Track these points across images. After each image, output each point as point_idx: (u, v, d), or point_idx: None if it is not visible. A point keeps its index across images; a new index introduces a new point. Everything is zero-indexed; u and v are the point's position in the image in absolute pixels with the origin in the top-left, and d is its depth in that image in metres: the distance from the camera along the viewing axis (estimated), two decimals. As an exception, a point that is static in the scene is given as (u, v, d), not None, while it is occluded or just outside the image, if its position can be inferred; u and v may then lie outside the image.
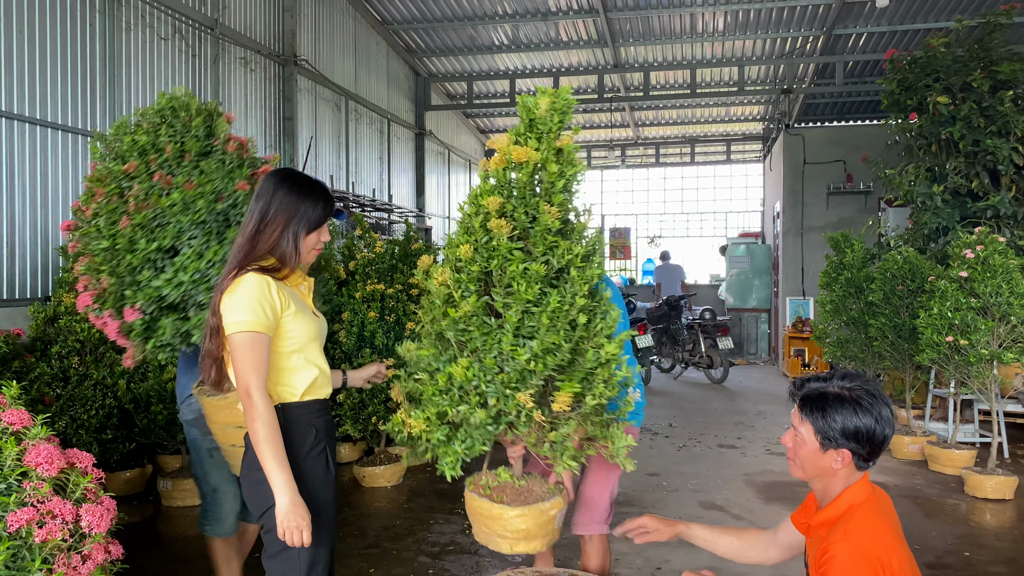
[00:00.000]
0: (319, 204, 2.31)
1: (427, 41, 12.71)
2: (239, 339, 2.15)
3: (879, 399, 2.07)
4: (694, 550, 4.54)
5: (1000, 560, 4.43)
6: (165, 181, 2.68)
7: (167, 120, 2.86)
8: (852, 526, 2.00)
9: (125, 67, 6.75)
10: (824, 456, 2.10)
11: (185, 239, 2.64)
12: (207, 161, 2.78)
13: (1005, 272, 5.57)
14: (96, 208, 2.80)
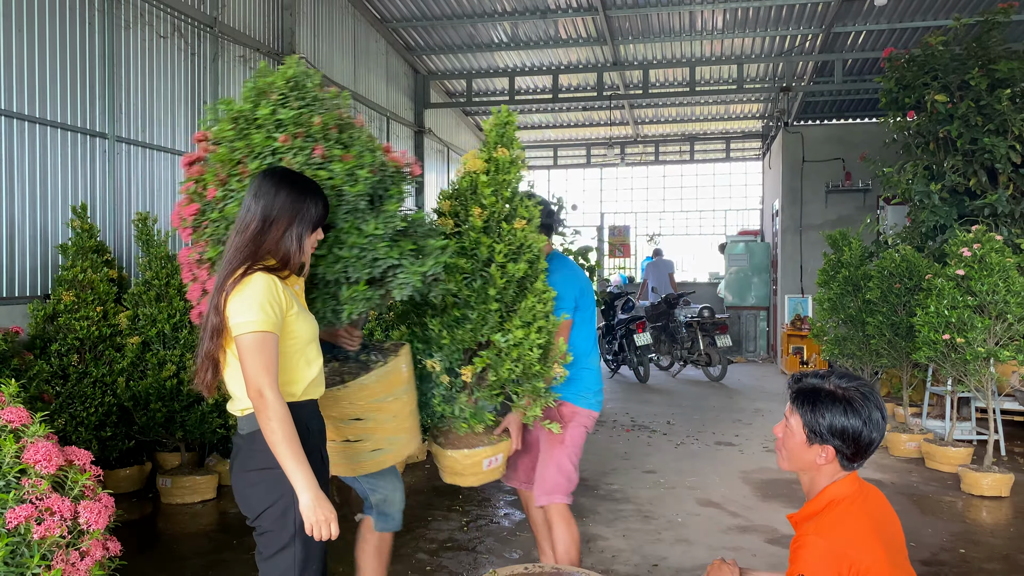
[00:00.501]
0: (319, 203, 2.32)
1: (426, 39, 12.71)
2: (249, 339, 2.13)
3: (872, 402, 2.08)
4: (691, 546, 4.57)
5: (995, 557, 4.45)
6: (323, 155, 2.47)
7: (296, 91, 2.57)
8: (827, 521, 2.04)
9: (124, 65, 6.76)
10: (809, 450, 2.12)
11: (341, 214, 2.46)
12: (347, 134, 2.58)
13: (1002, 270, 5.59)
14: (232, 187, 2.48)
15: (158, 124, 7.20)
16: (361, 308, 2.51)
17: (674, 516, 5.08)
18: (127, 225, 6.71)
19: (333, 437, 2.70)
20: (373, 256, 2.48)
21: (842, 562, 1.94)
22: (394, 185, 2.63)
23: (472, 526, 4.92)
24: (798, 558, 1.99)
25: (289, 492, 2.18)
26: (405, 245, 2.55)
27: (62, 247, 5.59)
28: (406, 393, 2.84)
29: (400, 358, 2.80)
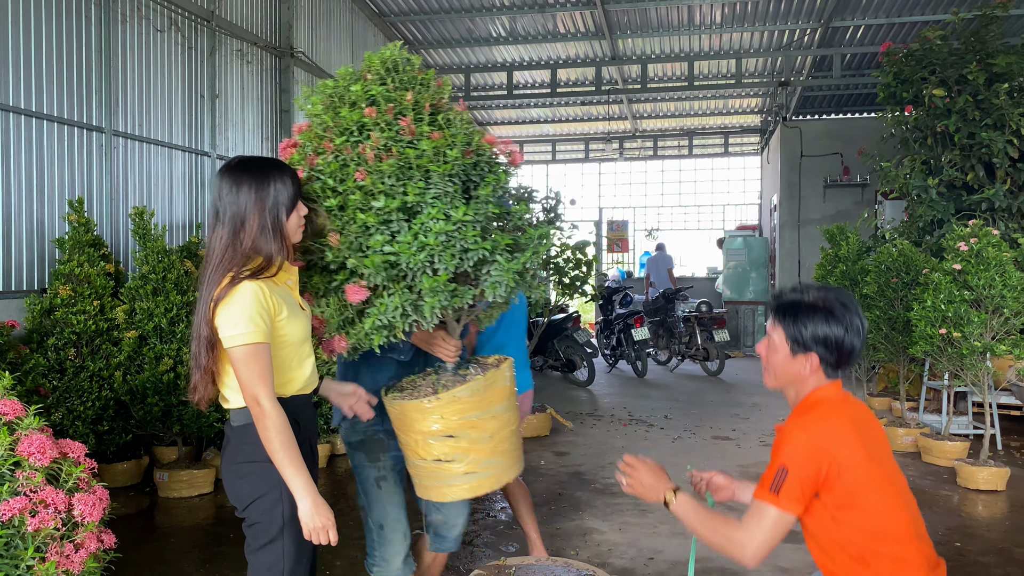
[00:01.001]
0: (287, 180, 2.21)
1: (424, 33, 12.70)
2: (240, 352, 2.10)
3: (850, 310, 2.14)
4: (687, 539, 4.57)
5: (990, 550, 4.46)
6: (411, 130, 2.29)
7: (391, 74, 2.44)
8: (811, 416, 2.08)
9: (121, 59, 6.75)
10: (794, 362, 2.16)
11: (429, 196, 2.25)
12: (442, 115, 2.42)
13: (998, 265, 5.59)
14: (318, 166, 2.34)
15: (155, 118, 7.19)
16: (445, 302, 2.26)
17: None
18: (124, 219, 6.70)
19: (422, 456, 2.49)
20: (462, 246, 2.25)
21: (823, 456, 1.99)
22: (491, 172, 2.42)
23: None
24: (780, 451, 2.03)
25: (278, 485, 2.18)
26: (500, 240, 2.32)
27: (59, 241, 5.59)
28: (506, 411, 2.57)
29: (500, 371, 2.56)
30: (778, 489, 1.99)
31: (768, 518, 2.00)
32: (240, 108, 8.56)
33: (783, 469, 2.00)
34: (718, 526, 2.09)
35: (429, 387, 2.54)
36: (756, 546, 2.00)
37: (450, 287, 2.26)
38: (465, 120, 2.47)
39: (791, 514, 2.00)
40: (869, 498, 2.01)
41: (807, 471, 1.99)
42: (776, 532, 2.01)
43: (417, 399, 2.44)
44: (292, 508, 2.19)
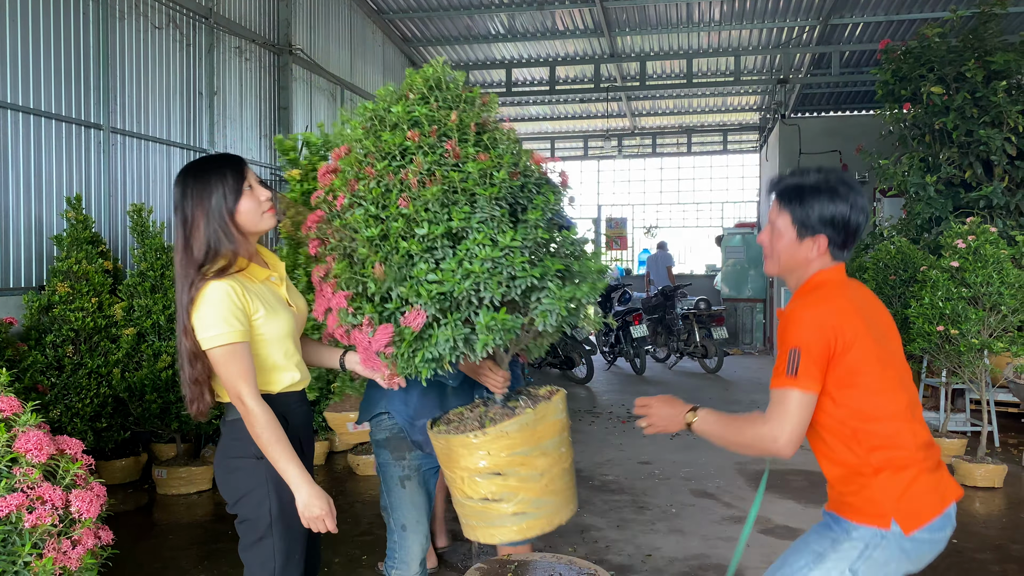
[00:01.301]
0: (224, 171, 2.19)
1: (423, 30, 12.69)
2: (219, 353, 2.11)
3: (853, 188, 2.11)
4: (684, 536, 4.59)
5: (987, 547, 4.47)
6: (455, 152, 2.20)
7: (435, 92, 2.36)
8: (814, 297, 2.07)
9: (119, 56, 6.74)
10: (801, 246, 2.13)
11: (475, 221, 2.15)
12: (491, 133, 2.32)
13: (996, 262, 5.60)
14: (359, 193, 2.25)
15: (153, 115, 7.18)
16: (499, 340, 2.13)
17: (668, 507, 5.10)
18: (122, 216, 6.70)
19: (469, 494, 2.35)
20: (509, 273, 2.13)
21: (831, 333, 1.98)
22: (539, 194, 2.28)
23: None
24: (788, 334, 2.01)
25: (266, 482, 2.18)
26: (551, 265, 2.18)
27: (57, 238, 5.59)
28: (559, 447, 2.42)
29: (552, 404, 2.41)
30: (795, 371, 1.97)
31: (792, 402, 1.96)
32: (238, 105, 8.55)
33: (795, 351, 1.98)
34: (743, 427, 2.06)
35: (476, 420, 2.42)
36: (788, 434, 1.96)
37: (508, 323, 2.12)
38: (511, 139, 2.37)
39: (812, 393, 1.97)
40: (868, 378, 2.00)
41: (819, 348, 1.97)
42: (803, 415, 1.97)
43: (463, 433, 2.32)
44: (281, 505, 2.19)
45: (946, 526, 2.03)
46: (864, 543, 1.99)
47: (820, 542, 2.07)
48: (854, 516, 2.02)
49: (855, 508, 2.02)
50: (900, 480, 1.98)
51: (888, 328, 2.15)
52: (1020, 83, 7.22)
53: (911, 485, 1.98)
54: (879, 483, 1.98)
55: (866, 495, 2.00)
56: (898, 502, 1.97)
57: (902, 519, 1.96)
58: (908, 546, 1.98)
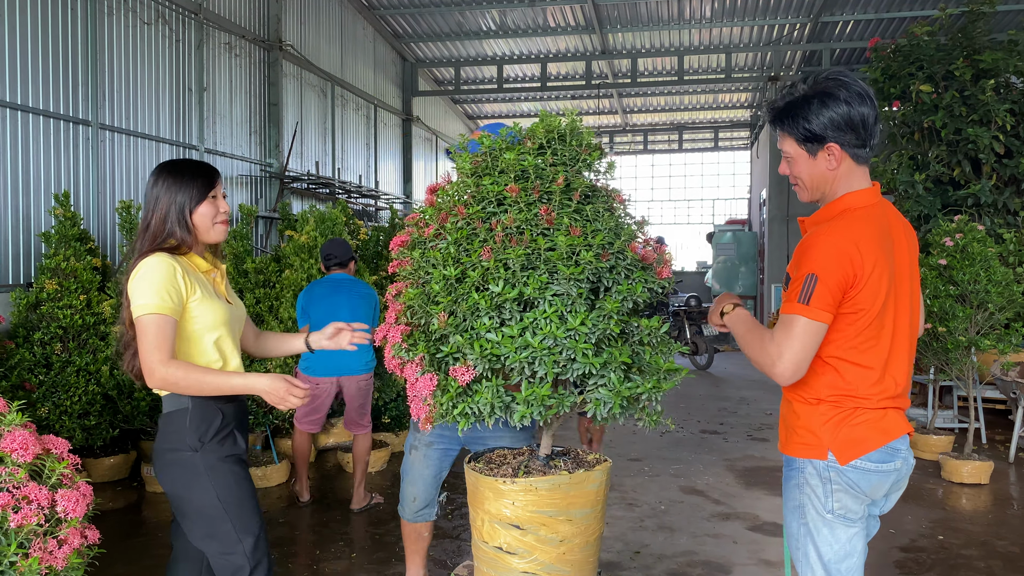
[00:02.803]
0: (196, 178, 2.35)
1: (414, 26, 12.66)
2: (145, 321, 2.19)
3: (844, 81, 2.02)
4: (673, 533, 4.60)
5: (973, 543, 4.50)
6: (549, 219, 2.13)
7: (553, 146, 2.30)
8: (839, 223, 2.00)
9: (107, 52, 6.71)
10: (817, 162, 2.06)
11: (549, 294, 2.08)
12: (594, 206, 2.23)
13: (983, 260, 5.63)
14: (447, 228, 2.22)
15: (142, 111, 7.15)
16: (537, 416, 2.07)
17: (657, 504, 5.12)
18: (111, 213, 6.67)
19: (486, 539, 2.34)
20: (569, 355, 2.06)
21: (851, 263, 1.93)
22: (627, 279, 2.17)
23: (456, 514, 4.94)
24: (807, 258, 1.96)
25: (205, 471, 2.26)
26: (616, 355, 2.08)
27: (45, 235, 5.56)
28: (588, 519, 2.32)
29: (592, 474, 2.33)
30: (808, 298, 1.92)
31: (798, 327, 1.93)
32: (228, 101, 8.52)
33: (812, 277, 1.92)
34: (758, 339, 2.04)
35: (514, 467, 2.38)
36: (788, 359, 1.93)
37: (548, 402, 2.07)
38: (616, 214, 2.28)
39: (822, 323, 1.93)
40: (866, 319, 1.98)
41: (836, 278, 1.92)
42: (808, 342, 1.93)
43: (494, 476, 2.29)
44: (225, 487, 2.26)
45: (892, 458, 2.03)
46: (819, 478, 2.03)
47: (793, 495, 2.12)
48: (797, 451, 2.08)
49: (800, 442, 2.07)
50: (837, 413, 2.01)
51: (905, 262, 2.07)
52: (1007, 82, 7.26)
53: (847, 419, 2.01)
54: (818, 414, 2.03)
55: (804, 425, 2.06)
56: (833, 434, 2.01)
57: (837, 449, 2.00)
58: (852, 476, 2.01)
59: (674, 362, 2.21)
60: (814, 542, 2.07)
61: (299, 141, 9.94)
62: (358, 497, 5.07)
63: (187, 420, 2.27)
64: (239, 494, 2.29)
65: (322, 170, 10.65)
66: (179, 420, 2.27)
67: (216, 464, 2.28)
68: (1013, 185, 7.23)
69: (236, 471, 2.32)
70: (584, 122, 14.46)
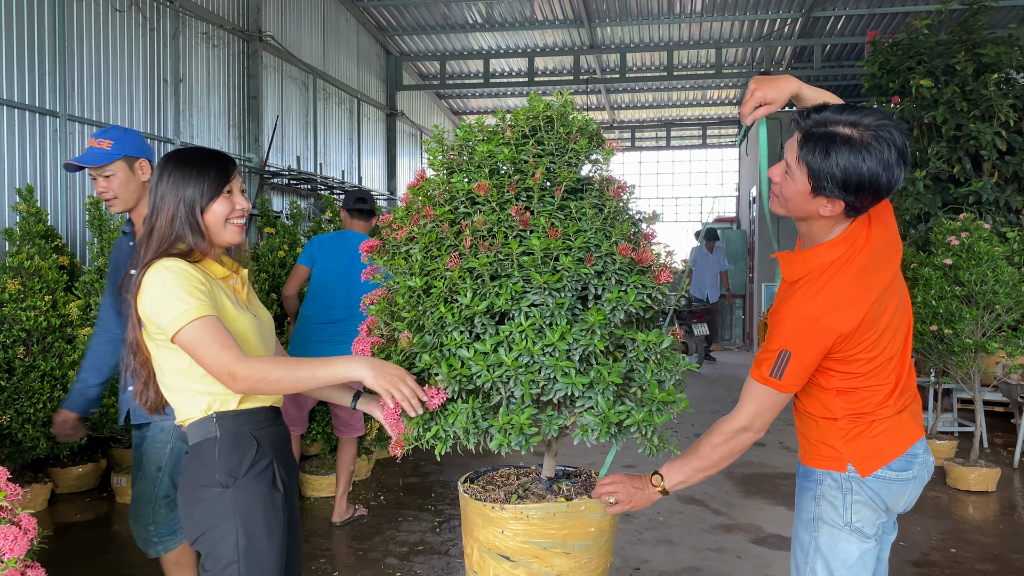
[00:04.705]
0: (210, 170, 2.02)
1: (398, 19, 12.36)
2: (189, 332, 1.84)
3: (894, 139, 1.79)
4: (673, 547, 4.37)
5: (987, 556, 4.30)
6: (523, 220, 1.88)
7: (538, 134, 2.04)
8: (813, 288, 1.87)
9: (76, 40, 6.38)
10: (813, 201, 1.88)
11: (525, 304, 1.83)
12: (580, 202, 1.95)
13: (990, 259, 5.43)
14: (416, 232, 2.01)
15: (114, 103, 6.83)
16: (515, 445, 1.85)
17: (655, 514, 4.89)
18: (80, 209, 6.36)
19: (475, 570, 2.14)
20: (548, 375, 1.82)
21: (828, 335, 1.84)
22: (618, 286, 1.88)
23: (445, 527, 4.69)
24: (784, 329, 1.88)
25: (232, 514, 1.92)
26: (605, 374, 1.81)
27: (7, 232, 5.24)
28: (588, 553, 2.08)
29: (595, 502, 2.09)
30: (780, 374, 1.87)
31: (768, 400, 1.91)
32: (205, 93, 8.20)
33: (785, 353, 1.85)
34: (713, 444, 2.00)
35: (509, 490, 2.16)
36: (759, 426, 1.94)
37: (528, 431, 1.83)
38: (610, 210, 1.97)
39: (791, 393, 1.92)
40: (858, 363, 1.91)
41: (812, 355, 1.86)
42: (776, 411, 1.94)
43: (483, 501, 2.06)
44: (248, 538, 1.93)
45: (911, 465, 1.98)
46: (839, 489, 1.97)
47: (808, 506, 2.04)
48: (818, 462, 2.01)
49: (819, 455, 2.01)
50: (855, 427, 1.96)
51: (892, 271, 1.95)
52: (1008, 77, 7.08)
53: (865, 431, 1.95)
54: (837, 428, 1.97)
55: (822, 439, 2.00)
56: (853, 446, 1.95)
57: (857, 461, 1.95)
58: (874, 486, 1.95)
59: (675, 390, 1.95)
60: (824, 557, 1.98)
61: (280, 135, 9.63)
62: (340, 509, 4.76)
63: (215, 452, 1.94)
64: (262, 547, 1.94)
65: (304, 165, 10.34)
66: (207, 452, 1.94)
67: (249, 505, 1.94)
68: (1015, 183, 7.06)
69: (270, 518, 1.96)
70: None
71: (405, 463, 6.07)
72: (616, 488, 2.06)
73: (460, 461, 5.98)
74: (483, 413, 1.87)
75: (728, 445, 1.99)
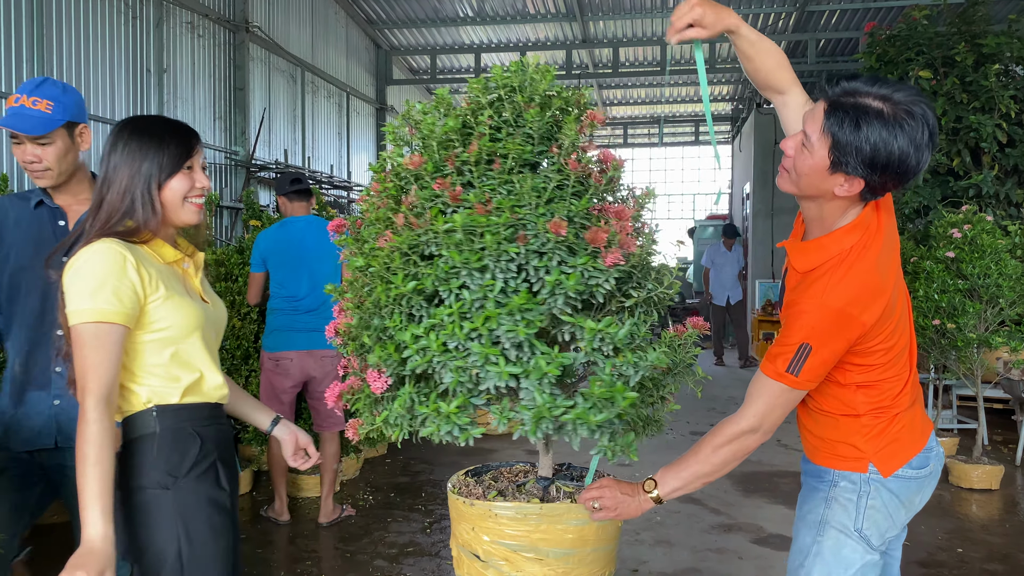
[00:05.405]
0: (170, 142, 1.83)
1: (388, 12, 12.19)
2: (83, 331, 1.67)
3: (927, 117, 1.63)
4: (672, 548, 4.23)
5: (995, 557, 4.18)
6: (453, 195, 1.72)
7: (496, 103, 1.89)
8: (834, 278, 1.71)
9: (56, 27, 6.19)
10: (829, 178, 1.71)
11: (454, 286, 1.68)
12: (527, 177, 1.72)
13: (993, 252, 5.31)
14: (368, 207, 1.91)
15: (95, 92, 6.65)
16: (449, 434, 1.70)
17: (653, 515, 4.75)
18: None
19: (456, 570, 2.03)
20: (475, 362, 1.66)
21: (853, 327, 1.70)
22: (559, 267, 1.67)
23: (436, 527, 4.53)
24: (801, 322, 1.71)
25: (173, 517, 1.75)
26: (543, 365, 1.62)
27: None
28: (568, 564, 1.90)
29: (572, 508, 1.91)
30: (798, 370, 1.71)
31: (782, 398, 1.76)
32: (191, 84, 8.02)
33: (805, 347, 1.70)
34: (715, 446, 1.84)
35: (505, 486, 2.03)
36: (770, 425, 1.80)
37: (455, 415, 1.67)
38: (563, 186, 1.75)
39: (806, 391, 1.78)
40: (877, 355, 1.78)
41: (833, 348, 1.71)
42: (789, 408, 1.80)
43: (460, 496, 1.93)
44: (192, 546, 1.76)
45: (928, 461, 1.87)
46: (855, 492, 1.84)
47: (815, 507, 1.90)
48: (835, 463, 1.88)
49: (836, 455, 1.87)
50: (879, 423, 1.83)
51: (899, 268, 1.85)
52: (1007, 69, 6.97)
53: (887, 428, 1.83)
54: (860, 425, 1.84)
55: (843, 438, 1.87)
56: (876, 444, 1.82)
57: (880, 461, 1.82)
58: (894, 487, 1.83)
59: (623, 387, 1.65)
60: (825, 562, 1.85)
61: (267, 128, 9.45)
62: (327, 510, 4.59)
63: (154, 449, 1.76)
64: (208, 553, 1.76)
65: (291, 159, 10.16)
66: (144, 449, 1.76)
67: (191, 507, 1.77)
68: (1015, 176, 6.94)
69: (215, 522, 1.79)
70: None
71: (395, 462, 5.90)
72: (602, 493, 1.86)
73: (452, 459, 5.83)
74: (420, 400, 1.74)
75: (731, 448, 1.82)
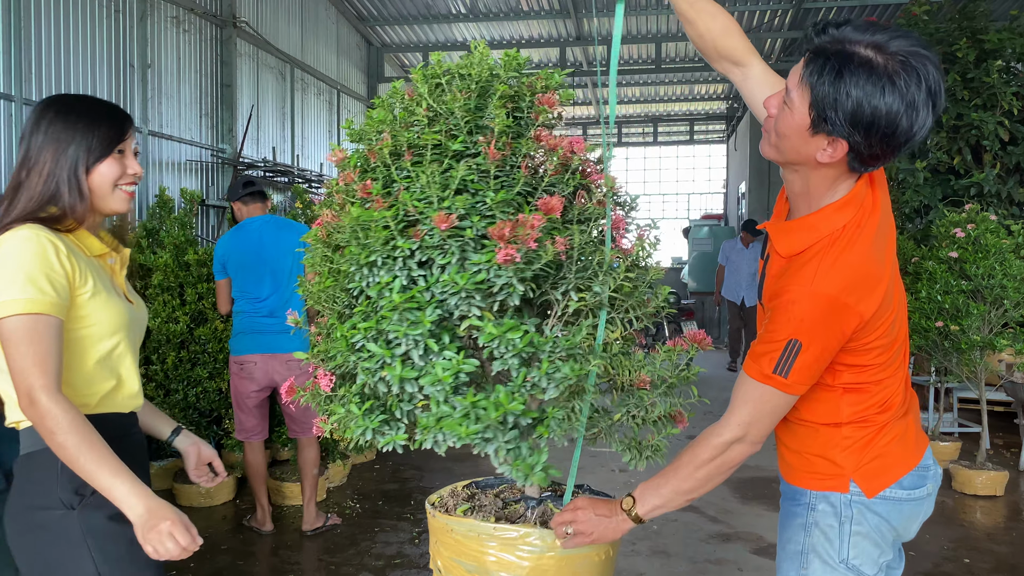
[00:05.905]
0: (100, 124, 1.70)
1: (380, 8, 12.02)
2: (13, 325, 1.50)
3: (927, 72, 1.38)
4: (669, 560, 4.08)
5: (1003, 567, 4.04)
6: (363, 188, 1.59)
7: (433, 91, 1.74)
8: (825, 262, 1.48)
9: (35, 21, 6.01)
10: (811, 141, 1.47)
11: (360, 283, 1.55)
12: (425, 168, 1.54)
13: (998, 252, 5.18)
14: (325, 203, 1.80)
15: (76, 87, 6.46)
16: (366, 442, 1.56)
17: (649, 523, 4.59)
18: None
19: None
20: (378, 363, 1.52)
21: (847, 318, 1.47)
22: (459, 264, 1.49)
23: (424, 538, 4.37)
24: (793, 312, 1.46)
25: (83, 539, 1.59)
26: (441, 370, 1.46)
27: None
28: None
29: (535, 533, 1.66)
30: (787, 371, 1.48)
31: (770, 403, 1.53)
32: (175, 80, 7.83)
33: (794, 343, 1.46)
34: (699, 460, 1.62)
35: (489, 502, 1.84)
36: (757, 435, 1.57)
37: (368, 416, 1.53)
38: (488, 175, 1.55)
39: (797, 395, 1.54)
40: (873, 353, 1.55)
41: (826, 343, 1.48)
42: (779, 415, 1.58)
43: (432, 508, 1.78)
44: (111, 568, 1.60)
45: (924, 481, 1.63)
46: (835, 516, 1.61)
47: (795, 536, 1.67)
48: (811, 482, 1.64)
49: (813, 472, 1.64)
50: (863, 435, 1.59)
51: (895, 253, 1.62)
52: (1008, 66, 6.84)
53: (873, 439, 1.60)
54: (840, 437, 1.60)
55: (820, 451, 1.63)
56: (858, 459, 1.59)
57: (862, 478, 1.59)
58: (882, 510, 1.59)
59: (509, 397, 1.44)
60: None
61: (255, 126, 9.26)
62: (309, 517, 4.42)
63: (57, 464, 1.56)
64: (132, 568, 1.61)
65: (280, 157, 9.98)
66: (46, 465, 1.59)
67: (101, 526, 1.60)
68: (1017, 174, 6.81)
69: (130, 534, 1.57)
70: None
71: (383, 468, 5.74)
72: (575, 516, 1.61)
73: (443, 466, 5.66)
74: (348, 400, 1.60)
75: (716, 462, 1.61)
